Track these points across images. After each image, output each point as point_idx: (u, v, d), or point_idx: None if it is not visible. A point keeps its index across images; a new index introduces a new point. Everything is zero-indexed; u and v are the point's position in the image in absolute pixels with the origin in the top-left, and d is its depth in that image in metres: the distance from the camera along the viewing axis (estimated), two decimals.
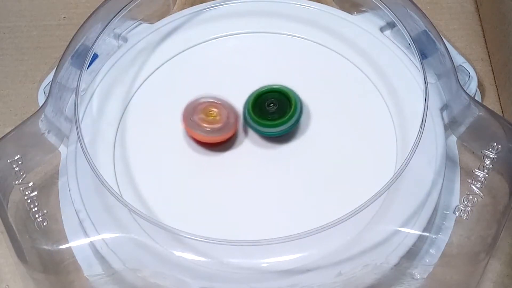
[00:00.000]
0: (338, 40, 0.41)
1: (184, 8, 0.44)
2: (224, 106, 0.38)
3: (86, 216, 0.36)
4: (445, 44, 0.39)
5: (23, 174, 0.36)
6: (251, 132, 0.39)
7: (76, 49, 0.40)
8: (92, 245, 0.35)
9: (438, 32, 0.40)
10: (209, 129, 0.37)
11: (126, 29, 0.43)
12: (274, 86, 0.38)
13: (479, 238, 0.35)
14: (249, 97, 0.38)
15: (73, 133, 0.38)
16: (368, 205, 0.33)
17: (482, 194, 0.35)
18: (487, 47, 0.46)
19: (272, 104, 0.38)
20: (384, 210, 0.35)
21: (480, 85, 0.44)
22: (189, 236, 0.33)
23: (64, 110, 0.39)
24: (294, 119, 0.37)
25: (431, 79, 0.40)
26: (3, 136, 0.37)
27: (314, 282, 0.34)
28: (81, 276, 0.36)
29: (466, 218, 0.35)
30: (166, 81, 0.41)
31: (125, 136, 0.39)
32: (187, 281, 0.34)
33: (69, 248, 0.36)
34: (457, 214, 0.35)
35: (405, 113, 0.39)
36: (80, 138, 0.35)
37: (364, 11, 0.43)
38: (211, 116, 0.37)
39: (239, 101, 0.39)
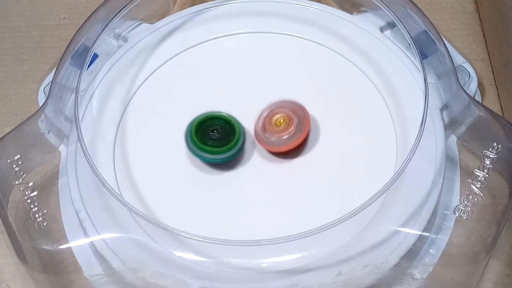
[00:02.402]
0: (338, 40, 0.41)
1: (184, 8, 0.44)
2: (288, 109, 0.37)
3: (86, 216, 0.36)
4: (445, 44, 0.39)
5: (23, 174, 0.36)
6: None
7: (76, 49, 0.40)
8: (92, 245, 0.35)
9: (438, 32, 0.40)
10: (280, 139, 0.37)
11: (126, 29, 0.43)
12: (218, 114, 0.37)
13: (479, 238, 0.35)
14: (192, 121, 0.37)
15: (73, 133, 0.38)
16: (368, 205, 0.33)
17: (482, 194, 0.35)
18: (487, 47, 0.46)
19: (215, 131, 0.37)
20: (384, 210, 0.35)
21: (480, 85, 0.44)
22: (189, 236, 0.33)
23: (64, 110, 0.39)
24: (236, 147, 0.36)
25: (431, 79, 0.40)
26: (3, 136, 0.37)
27: (314, 282, 0.34)
28: (81, 276, 0.36)
29: (466, 218, 0.35)
30: (166, 81, 0.41)
31: (125, 136, 0.39)
32: (187, 281, 0.34)
33: (69, 248, 0.36)
34: (457, 214, 0.35)
35: (405, 113, 0.39)
36: (80, 138, 0.35)
37: (364, 11, 0.43)
38: (279, 125, 0.37)
39: (239, 101, 0.39)
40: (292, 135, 0.37)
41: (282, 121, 0.37)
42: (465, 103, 0.37)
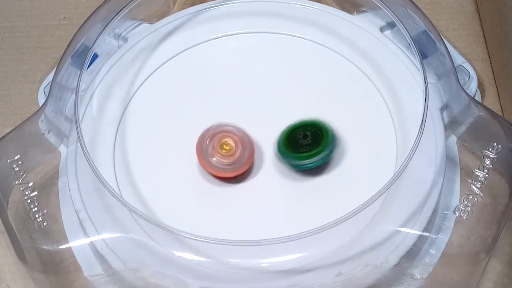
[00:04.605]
0: (338, 40, 0.41)
1: (184, 8, 0.44)
2: (240, 138, 0.37)
3: (86, 216, 0.36)
4: (445, 44, 0.39)
5: (23, 174, 0.36)
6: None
7: (76, 49, 0.40)
8: (92, 245, 0.35)
9: (438, 32, 0.40)
10: (222, 165, 0.36)
11: (126, 29, 0.43)
12: (307, 121, 0.37)
13: (479, 238, 0.35)
14: (281, 134, 0.37)
15: (73, 133, 0.38)
16: (368, 205, 0.33)
17: (482, 194, 0.35)
18: (487, 47, 0.46)
19: (304, 137, 0.37)
20: (384, 210, 0.35)
21: (480, 85, 0.44)
22: (189, 236, 0.33)
23: (64, 110, 0.39)
24: (328, 149, 0.36)
25: (431, 79, 0.40)
26: (3, 136, 0.37)
27: (314, 282, 0.34)
28: (81, 276, 0.36)
29: (466, 218, 0.35)
30: (166, 81, 0.41)
31: (125, 136, 0.39)
32: (187, 281, 0.34)
33: (69, 248, 0.36)
34: (457, 214, 0.35)
35: (405, 113, 0.39)
36: (80, 138, 0.35)
37: (364, 11, 0.43)
38: (225, 150, 0.36)
39: (239, 101, 0.39)
40: (230, 164, 0.36)
41: (229, 147, 0.37)
42: (465, 103, 0.37)
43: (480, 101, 0.43)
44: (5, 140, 0.37)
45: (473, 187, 0.35)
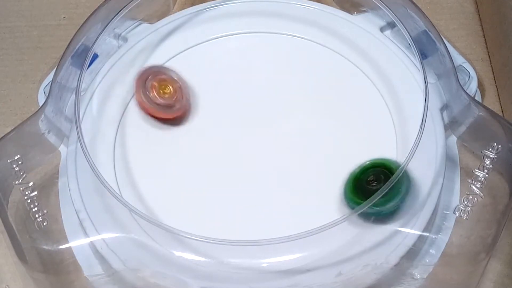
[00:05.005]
0: (338, 40, 0.41)
1: (184, 8, 0.44)
2: (178, 83, 0.39)
3: (86, 216, 0.36)
4: (445, 44, 0.39)
5: (23, 174, 0.36)
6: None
7: (76, 49, 0.40)
8: (92, 245, 0.35)
9: (438, 32, 0.40)
10: (161, 104, 0.38)
11: (126, 29, 0.43)
12: (376, 161, 0.35)
13: (479, 238, 0.35)
14: (349, 177, 0.36)
15: (73, 133, 0.38)
16: (368, 205, 0.33)
17: (482, 194, 0.35)
18: (487, 47, 0.46)
19: (374, 182, 0.35)
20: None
21: (480, 85, 0.44)
22: (189, 236, 0.33)
23: (64, 110, 0.39)
24: (399, 196, 0.34)
25: (431, 79, 0.40)
26: (3, 136, 0.37)
27: (314, 282, 0.34)
28: (81, 276, 0.36)
29: (466, 218, 0.35)
30: None
31: (125, 136, 0.39)
32: (187, 281, 0.34)
33: (69, 248, 0.36)
34: (457, 214, 0.35)
35: (405, 113, 0.39)
36: (80, 138, 0.35)
37: (364, 11, 0.43)
38: (166, 92, 0.38)
39: (238, 101, 0.39)
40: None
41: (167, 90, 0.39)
42: (465, 103, 0.37)
43: (480, 101, 0.43)
44: (5, 140, 0.37)
45: (473, 187, 0.35)
